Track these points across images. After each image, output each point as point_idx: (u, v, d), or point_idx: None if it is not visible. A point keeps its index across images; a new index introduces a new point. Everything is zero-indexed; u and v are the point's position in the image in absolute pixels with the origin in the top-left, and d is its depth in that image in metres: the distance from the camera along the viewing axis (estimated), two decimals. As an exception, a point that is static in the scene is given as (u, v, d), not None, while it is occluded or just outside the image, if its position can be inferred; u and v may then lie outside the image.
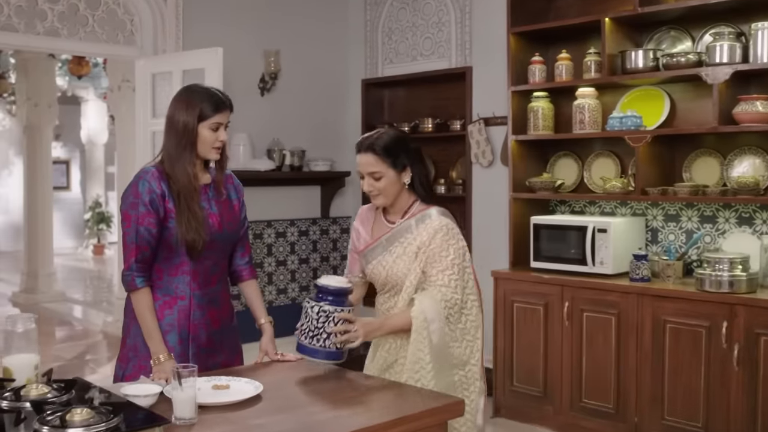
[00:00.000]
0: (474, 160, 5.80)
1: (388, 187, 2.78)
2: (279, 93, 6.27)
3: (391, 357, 2.82)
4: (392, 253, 2.82)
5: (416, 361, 2.69)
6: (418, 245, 2.77)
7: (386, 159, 2.75)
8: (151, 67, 5.53)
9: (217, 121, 2.70)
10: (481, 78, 5.76)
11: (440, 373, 2.72)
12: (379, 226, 2.93)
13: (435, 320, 2.69)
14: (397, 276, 2.80)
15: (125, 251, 2.68)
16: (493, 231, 5.67)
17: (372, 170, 2.76)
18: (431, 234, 2.76)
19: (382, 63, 6.53)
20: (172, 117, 2.71)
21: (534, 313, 4.78)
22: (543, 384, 4.75)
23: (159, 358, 2.64)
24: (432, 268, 2.75)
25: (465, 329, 2.79)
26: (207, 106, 2.67)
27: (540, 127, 5.00)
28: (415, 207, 2.85)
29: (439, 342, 2.71)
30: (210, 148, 2.71)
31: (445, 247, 2.75)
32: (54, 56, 9.20)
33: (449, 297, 2.72)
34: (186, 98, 2.71)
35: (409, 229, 2.82)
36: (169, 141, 2.71)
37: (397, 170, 2.77)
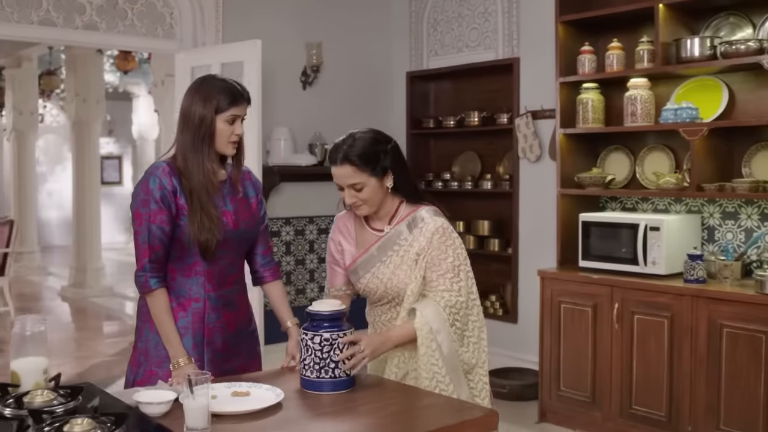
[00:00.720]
0: (521, 155, 5.60)
1: (372, 196, 2.59)
2: (321, 86, 6.15)
3: (402, 371, 2.64)
4: (388, 264, 2.63)
5: (431, 376, 2.52)
6: (417, 251, 2.58)
7: (365, 168, 2.56)
8: (191, 60, 5.45)
9: (234, 114, 2.57)
10: (529, 69, 5.55)
11: (458, 385, 2.56)
12: (363, 235, 2.73)
13: (441, 330, 2.52)
14: (398, 288, 2.62)
15: (137, 251, 2.56)
16: (540, 228, 5.46)
17: (352, 182, 2.56)
18: (428, 237, 2.57)
19: (427, 55, 6.36)
20: (187, 110, 2.58)
21: (582, 314, 4.57)
22: (591, 389, 4.53)
23: (178, 362, 2.52)
24: (432, 272, 2.57)
25: (469, 332, 2.61)
26: (224, 98, 2.54)
27: (590, 120, 4.77)
28: (402, 210, 2.67)
29: (449, 351, 2.54)
30: (226, 142, 2.58)
31: (443, 249, 2.57)
32: (102, 52, 9.23)
33: (453, 302, 2.55)
34: (202, 90, 2.57)
35: (401, 234, 2.63)
36: (184, 135, 2.58)
37: (378, 177, 2.58)
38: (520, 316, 5.69)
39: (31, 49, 10.53)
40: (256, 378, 2.55)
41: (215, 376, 2.58)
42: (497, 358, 5.74)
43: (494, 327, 5.86)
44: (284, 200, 6.00)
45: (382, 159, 2.58)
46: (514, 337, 5.73)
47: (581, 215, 4.75)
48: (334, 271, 2.80)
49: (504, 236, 5.89)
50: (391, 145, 2.64)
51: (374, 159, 2.56)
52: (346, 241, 2.75)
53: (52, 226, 15.99)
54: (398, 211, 2.66)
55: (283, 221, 6.03)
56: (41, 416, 1.84)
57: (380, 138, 2.63)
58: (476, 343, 2.62)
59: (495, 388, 5.24)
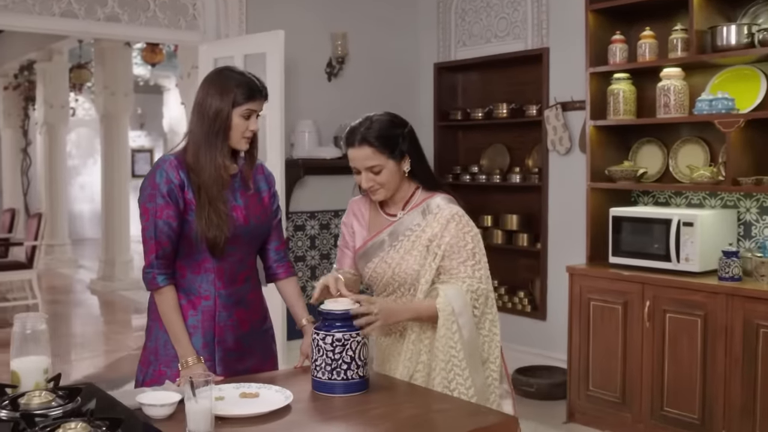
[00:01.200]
0: (551, 148, 5.45)
1: (389, 179, 2.52)
2: (346, 78, 6.04)
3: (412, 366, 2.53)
4: (398, 248, 2.55)
5: (448, 359, 2.42)
6: (429, 237, 2.50)
7: (384, 150, 2.48)
8: (214, 52, 5.37)
9: (251, 109, 2.49)
10: (559, 60, 5.40)
11: (475, 371, 2.46)
12: (377, 219, 2.65)
13: (463, 313, 2.43)
14: (405, 273, 2.53)
15: (145, 247, 2.49)
16: (569, 223, 5.32)
17: (370, 164, 2.49)
18: (443, 224, 2.49)
19: (455, 46, 6.23)
20: (202, 102, 2.49)
21: (612, 312, 4.42)
22: (621, 389, 4.39)
23: (187, 361, 2.44)
24: (451, 260, 2.48)
25: (481, 323, 2.51)
26: (241, 92, 2.46)
27: (621, 112, 4.62)
28: (418, 196, 2.59)
29: (470, 336, 2.45)
30: (240, 137, 2.50)
31: (461, 236, 2.48)
32: (130, 45, 9.22)
33: (476, 287, 2.47)
34: (219, 82, 2.49)
35: (414, 220, 2.55)
36: (197, 128, 2.49)
37: (396, 160, 2.51)
38: (549, 313, 5.55)
39: (62, 43, 10.55)
40: (267, 378, 2.46)
41: (227, 377, 2.52)
42: (525, 355, 5.62)
43: (522, 324, 5.74)
44: (309, 194, 5.91)
45: (401, 142, 2.51)
46: (542, 334, 5.60)
47: (612, 210, 4.61)
48: (343, 254, 2.74)
49: (533, 231, 5.75)
50: (408, 129, 2.56)
51: (393, 141, 2.49)
52: (358, 224, 2.68)
53: (84, 219, 16.10)
54: (413, 196, 2.59)
55: (307, 215, 5.94)
56: (34, 420, 1.77)
57: (397, 121, 2.56)
58: (487, 336, 2.53)
59: (522, 387, 5.13)
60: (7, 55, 11.96)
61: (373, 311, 2.34)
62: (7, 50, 11.83)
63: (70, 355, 7.05)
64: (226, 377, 2.53)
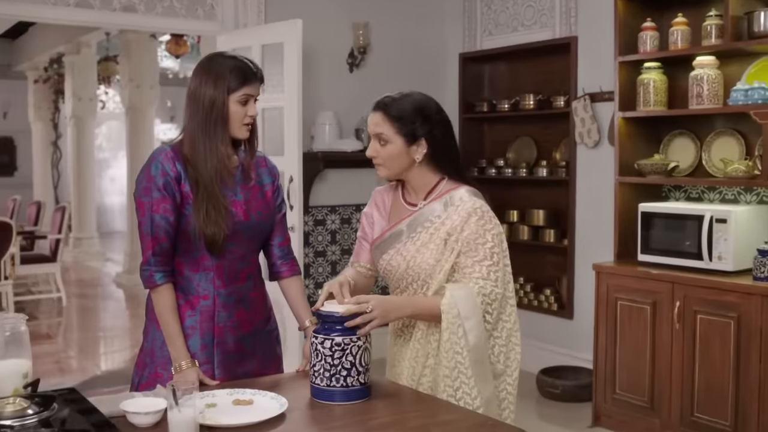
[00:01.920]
0: (578, 140, 5.26)
1: (392, 157, 2.36)
2: (369, 68, 5.90)
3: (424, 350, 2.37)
4: (415, 240, 2.38)
5: (454, 366, 2.25)
6: (448, 231, 2.32)
7: (395, 124, 2.34)
8: (231, 42, 5.25)
9: (247, 93, 2.37)
10: (587, 49, 5.20)
11: (482, 381, 2.28)
12: (397, 209, 2.49)
13: (471, 317, 2.25)
14: (420, 267, 2.36)
15: (141, 243, 2.36)
16: (598, 219, 5.12)
17: (378, 131, 2.35)
18: (464, 217, 2.31)
19: (480, 35, 6.04)
20: (195, 91, 2.37)
21: (640, 312, 4.23)
22: (649, 393, 4.20)
23: (180, 365, 2.32)
24: (467, 258, 2.30)
25: (497, 332, 2.34)
26: (235, 77, 2.35)
27: (651, 103, 4.41)
28: (442, 186, 2.41)
29: (478, 342, 2.27)
30: (239, 124, 2.38)
31: (481, 233, 2.30)
32: (155, 37, 9.16)
33: (489, 290, 2.28)
34: (211, 69, 2.37)
35: (435, 211, 2.38)
36: (193, 119, 2.37)
37: (406, 140, 2.34)
38: (576, 312, 5.36)
39: (90, 36, 10.54)
40: (266, 384, 2.32)
41: (226, 380, 2.40)
42: (551, 355, 5.44)
43: (548, 322, 5.56)
44: (329, 187, 5.78)
45: (417, 124, 2.34)
46: (569, 333, 5.41)
47: (641, 205, 4.41)
48: (361, 246, 2.59)
49: (560, 226, 5.56)
50: (437, 116, 2.38)
51: (410, 120, 2.34)
52: (379, 214, 2.53)
53: (115, 212, 16.16)
54: (437, 187, 2.41)
55: (328, 209, 5.81)
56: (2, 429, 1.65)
57: (428, 104, 2.38)
58: (504, 346, 2.35)
59: (547, 388, 4.95)
60: (37, 49, 12.01)
61: (367, 309, 2.18)
62: (38, 43, 11.87)
63: (96, 349, 7.01)
64: (225, 381, 2.41)
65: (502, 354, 2.34)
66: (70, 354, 6.54)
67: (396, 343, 2.48)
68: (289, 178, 4.94)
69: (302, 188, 5.08)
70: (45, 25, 10.91)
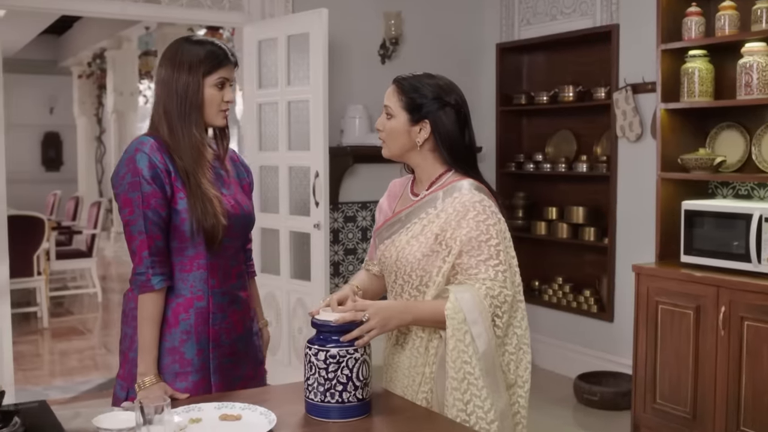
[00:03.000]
0: (620, 134, 4.98)
1: (392, 132, 2.21)
2: (401, 60, 5.69)
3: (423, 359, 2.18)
4: (408, 230, 2.21)
5: (462, 377, 2.04)
6: (441, 225, 2.13)
7: (403, 98, 2.19)
8: (257, 33, 5.11)
9: (223, 77, 2.24)
10: (630, 37, 4.92)
11: (495, 392, 2.07)
12: (403, 200, 2.33)
13: (478, 321, 2.04)
14: (407, 260, 2.17)
15: (132, 245, 2.19)
16: (640, 217, 4.85)
17: (387, 103, 2.22)
18: (460, 211, 2.12)
19: (518, 24, 5.79)
20: (167, 79, 2.23)
21: (683, 317, 3.96)
22: (691, 404, 3.92)
23: (144, 381, 2.16)
24: (470, 257, 2.09)
25: (508, 339, 2.13)
26: (208, 61, 2.22)
27: (696, 93, 4.12)
28: (447, 178, 2.22)
29: (487, 350, 2.05)
30: (216, 111, 2.26)
31: (483, 229, 2.09)
32: (193, 30, 9.07)
33: (497, 292, 2.07)
34: (182, 55, 2.23)
35: (434, 202, 2.19)
36: (166, 106, 2.24)
37: (410, 118, 2.18)
38: (617, 314, 5.10)
39: (130, 30, 10.53)
40: (257, 396, 2.15)
41: (222, 386, 2.26)
42: (590, 359, 5.19)
43: (587, 325, 5.30)
44: (359, 183, 5.59)
45: (426, 104, 2.17)
46: (609, 337, 5.15)
47: (684, 203, 4.13)
48: (374, 242, 2.41)
49: (600, 224, 5.29)
50: (453, 104, 2.19)
51: (418, 96, 2.18)
52: (387, 205, 2.37)
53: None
54: (441, 178, 2.23)
55: (358, 205, 5.63)
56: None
57: (447, 90, 2.21)
58: (514, 354, 2.13)
59: (585, 395, 4.71)
60: (81, 44, 12.07)
61: (363, 317, 2.00)
62: (81, 39, 11.93)
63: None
64: (221, 387, 2.26)
65: (512, 363, 2.13)
66: (101, 350, 6.47)
67: (392, 351, 2.29)
68: (314, 174, 4.77)
69: (329, 184, 4.92)
70: (89, 20, 10.94)
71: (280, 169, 5.04)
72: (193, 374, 2.24)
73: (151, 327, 2.18)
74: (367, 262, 2.45)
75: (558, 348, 5.53)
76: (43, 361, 6.11)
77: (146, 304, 2.19)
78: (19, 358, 6.04)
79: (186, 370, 2.23)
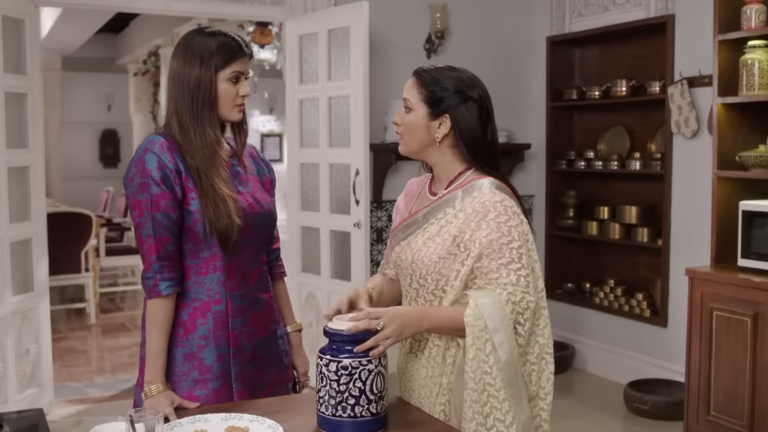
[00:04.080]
0: (675, 130, 4.75)
1: (410, 127, 2.07)
2: (447, 54, 5.53)
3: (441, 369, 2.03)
4: (425, 231, 2.07)
5: (482, 389, 1.89)
6: (459, 227, 1.99)
7: (422, 90, 2.05)
8: (299, 28, 5.01)
9: (237, 70, 2.12)
10: (686, 28, 4.68)
11: (517, 404, 1.91)
12: (421, 199, 2.18)
13: (500, 329, 1.89)
14: (422, 263, 2.03)
15: (141, 249, 2.10)
16: (696, 217, 4.61)
17: (406, 95, 2.08)
18: (479, 211, 1.97)
19: (570, 16, 5.58)
20: (179, 73, 2.13)
21: (739, 324, 3.73)
22: (749, 417, 3.69)
23: (151, 389, 2.06)
24: (491, 260, 1.94)
25: (530, 348, 1.97)
26: (222, 54, 2.10)
27: (756, 86, 3.88)
28: (466, 176, 2.07)
29: (509, 359, 1.90)
30: (231, 106, 2.14)
31: (505, 231, 1.94)
32: (243, 27, 9.04)
33: (519, 297, 1.91)
34: (194, 47, 2.12)
35: (452, 201, 2.04)
36: (180, 103, 2.13)
37: (429, 111, 2.04)
38: (671, 319, 4.86)
39: (183, 27, 10.51)
40: (269, 406, 2.04)
41: (245, 394, 2.17)
42: (642, 366, 4.98)
43: (640, 330, 5.08)
44: (402, 181, 5.40)
45: (447, 97, 2.04)
46: (662, 343, 4.92)
47: (742, 203, 3.89)
48: (390, 243, 2.28)
49: (654, 225, 5.06)
50: (475, 98, 2.05)
51: (438, 89, 2.04)
52: (405, 204, 2.24)
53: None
54: (461, 176, 2.08)
55: (402, 204, 5.48)
56: None
57: (470, 84, 2.06)
58: (535, 364, 1.97)
59: (635, 403, 4.50)
60: (137, 42, 12.17)
61: (377, 326, 1.86)
62: (137, 37, 12.04)
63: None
64: (244, 394, 2.17)
65: (533, 374, 1.97)
66: (146, 348, 6.47)
67: (407, 359, 2.14)
68: (354, 171, 4.65)
69: (370, 182, 4.80)
70: (144, 18, 11.02)
71: (321, 166, 4.93)
72: (213, 381, 2.14)
73: (159, 333, 2.09)
74: (383, 265, 2.32)
75: (608, 353, 5.32)
76: (88, 357, 6.13)
77: (154, 309, 2.10)
78: (65, 354, 6.08)
79: (206, 377, 2.14)
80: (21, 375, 4.33)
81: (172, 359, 2.13)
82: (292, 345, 2.38)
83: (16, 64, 4.31)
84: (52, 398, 4.61)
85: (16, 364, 4.29)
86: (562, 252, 5.82)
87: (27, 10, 4.36)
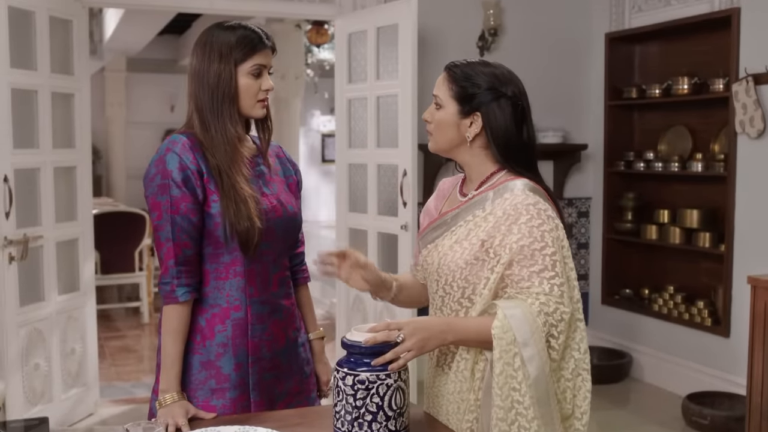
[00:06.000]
0: (739, 130, 4.51)
1: (440, 125, 1.94)
2: (501, 52, 5.37)
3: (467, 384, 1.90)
4: (453, 233, 1.94)
5: (510, 407, 1.75)
6: (488, 231, 1.85)
7: (453, 86, 1.93)
8: (348, 26, 4.93)
9: (259, 63, 2.05)
10: (752, 22, 4.45)
11: (548, 425, 1.77)
12: (451, 200, 2.05)
13: (530, 343, 1.75)
14: (449, 268, 1.90)
15: (159, 252, 2.03)
16: (760, 222, 4.38)
17: (436, 92, 1.97)
18: (511, 214, 1.83)
19: (629, 11, 5.37)
20: (199, 68, 2.05)
21: (805, 337, 3.50)
22: (814, 436, 3.47)
23: (165, 398, 1.98)
24: (522, 267, 1.80)
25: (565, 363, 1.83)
26: (242, 47, 2.03)
27: (826, 83, 3.65)
28: (498, 177, 1.94)
29: (540, 375, 1.76)
30: (253, 101, 2.06)
31: (537, 236, 1.80)
32: (300, 26, 9.01)
33: (552, 308, 1.77)
34: (213, 41, 2.05)
35: (483, 203, 1.91)
36: (200, 100, 2.04)
37: (460, 108, 1.91)
38: (733, 329, 4.62)
39: (241, 28, 10.61)
40: (287, 418, 1.95)
41: (263, 404, 2.08)
42: (702, 377, 4.75)
43: (701, 339, 4.86)
44: (453, 182, 5.32)
45: (479, 94, 1.90)
46: (724, 353, 4.68)
47: (809, 207, 3.67)
48: (417, 246, 2.17)
49: (716, 230, 4.82)
50: (509, 96, 1.91)
51: (470, 85, 1.91)
52: (434, 205, 2.12)
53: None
54: (492, 177, 1.95)
55: (453, 206, 5.36)
56: None
57: (506, 80, 1.93)
58: (570, 381, 1.83)
59: (694, 417, 4.29)
60: (198, 42, 12.28)
61: (397, 338, 1.75)
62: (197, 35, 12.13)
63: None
64: (262, 404, 2.08)
65: (568, 391, 1.83)
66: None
67: (434, 373, 2.02)
68: (402, 172, 4.54)
69: (419, 183, 4.69)
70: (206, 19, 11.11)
71: (369, 167, 4.84)
72: (230, 390, 2.06)
73: (175, 341, 2.02)
74: (412, 267, 2.20)
75: (667, 363, 5.09)
76: (139, 357, 6.15)
77: (170, 316, 2.02)
78: (116, 352, 6.13)
79: (223, 386, 2.06)
80: (66, 374, 4.35)
81: (188, 366, 2.06)
82: (314, 353, 2.28)
83: (63, 65, 4.33)
84: (97, 398, 4.62)
85: (62, 363, 4.30)
86: (620, 257, 5.61)
87: (75, 10, 4.37)
